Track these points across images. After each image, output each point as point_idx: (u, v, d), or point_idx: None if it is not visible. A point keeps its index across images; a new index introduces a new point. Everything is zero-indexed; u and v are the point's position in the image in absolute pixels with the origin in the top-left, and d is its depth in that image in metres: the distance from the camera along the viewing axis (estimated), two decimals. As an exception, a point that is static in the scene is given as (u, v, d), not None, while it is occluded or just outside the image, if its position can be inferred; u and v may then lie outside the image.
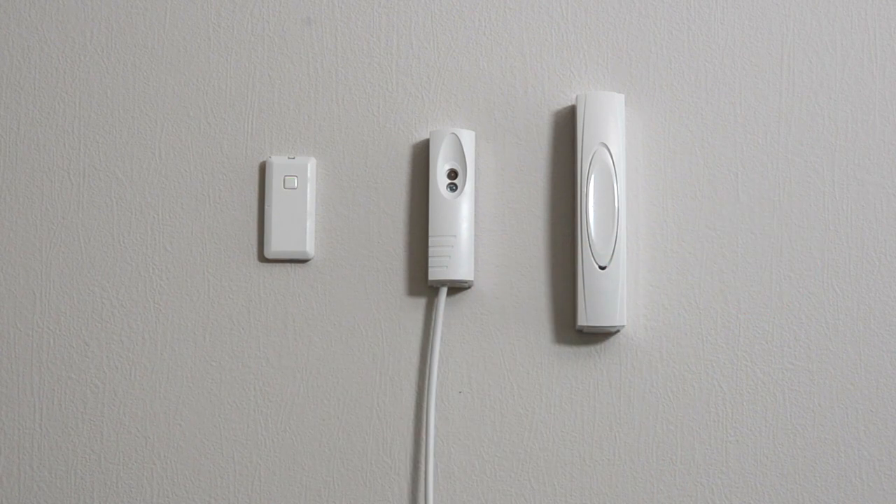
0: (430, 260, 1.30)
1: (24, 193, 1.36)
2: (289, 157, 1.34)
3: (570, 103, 1.33)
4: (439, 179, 1.31)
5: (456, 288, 1.32)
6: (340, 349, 1.32)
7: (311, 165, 1.34)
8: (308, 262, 1.34)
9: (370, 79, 1.35)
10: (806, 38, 1.33)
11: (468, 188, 1.31)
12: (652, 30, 1.34)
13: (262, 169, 1.35)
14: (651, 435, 1.30)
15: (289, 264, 1.34)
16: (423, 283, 1.33)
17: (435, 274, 1.29)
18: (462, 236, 1.30)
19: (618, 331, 1.31)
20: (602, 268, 1.28)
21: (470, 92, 1.34)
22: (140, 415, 1.33)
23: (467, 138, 1.32)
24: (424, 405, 1.31)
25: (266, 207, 1.34)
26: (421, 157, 1.34)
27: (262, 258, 1.34)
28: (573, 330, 1.31)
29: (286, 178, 1.33)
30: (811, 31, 1.33)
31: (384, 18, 1.36)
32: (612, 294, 1.27)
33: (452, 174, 1.31)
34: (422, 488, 1.30)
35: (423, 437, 1.31)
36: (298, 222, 1.33)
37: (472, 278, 1.31)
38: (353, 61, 1.35)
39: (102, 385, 1.34)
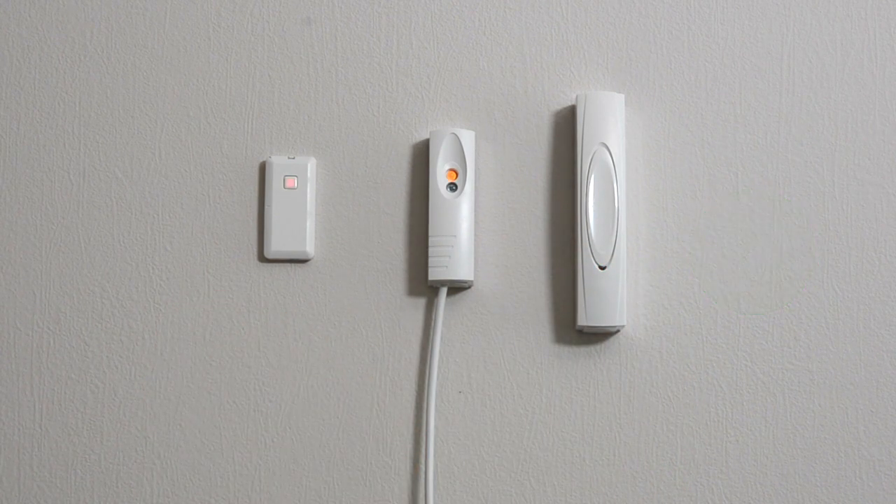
0: (430, 260, 1.30)
1: (24, 193, 1.36)
2: (289, 157, 1.34)
3: (570, 103, 1.33)
4: (439, 179, 1.31)
5: (456, 288, 1.32)
6: (340, 349, 1.32)
7: (311, 165, 1.34)
8: (308, 262, 1.34)
9: (370, 79, 1.35)
10: (806, 38, 1.33)
11: (468, 188, 1.31)
12: (652, 30, 1.34)
13: (262, 169, 1.35)
14: (651, 435, 1.30)
15: (289, 264, 1.34)
16: (423, 283, 1.33)
17: (435, 274, 1.29)
18: (462, 236, 1.30)
19: (618, 331, 1.31)
20: (602, 268, 1.28)
21: (470, 92, 1.34)
22: (140, 415, 1.33)
23: (467, 138, 1.32)
24: (424, 405, 1.31)
25: (266, 207, 1.34)
26: (421, 157, 1.34)
27: (262, 258, 1.34)
28: (573, 330, 1.31)
29: (286, 178, 1.33)
30: (811, 31, 1.33)
31: (384, 18, 1.36)
32: (612, 294, 1.27)
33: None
34: (422, 488, 1.30)
35: (423, 437, 1.31)
36: (298, 222, 1.33)
37: (472, 278, 1.31)
38: (353, 61, 1.35)
39: (102, 385, 1.34)
